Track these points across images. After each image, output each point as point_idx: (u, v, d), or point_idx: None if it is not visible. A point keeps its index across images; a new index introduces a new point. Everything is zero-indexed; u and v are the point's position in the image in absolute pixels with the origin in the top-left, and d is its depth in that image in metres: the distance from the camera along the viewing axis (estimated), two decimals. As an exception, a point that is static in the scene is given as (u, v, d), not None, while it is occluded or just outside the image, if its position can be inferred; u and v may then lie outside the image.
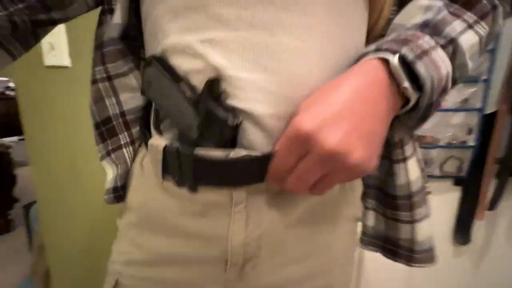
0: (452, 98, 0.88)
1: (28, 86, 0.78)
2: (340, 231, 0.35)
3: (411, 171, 0.34)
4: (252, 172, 0.27)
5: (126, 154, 0.35)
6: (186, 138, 0.28)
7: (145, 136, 0.34)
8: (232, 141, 0.27)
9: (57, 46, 0.74)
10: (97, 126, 0.36)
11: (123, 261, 0.35)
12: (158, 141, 0.29)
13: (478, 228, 1.00)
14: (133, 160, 0.36)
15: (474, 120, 0.89)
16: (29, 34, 0.33)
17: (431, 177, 0.95)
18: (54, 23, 0.33)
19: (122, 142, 0.35)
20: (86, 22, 0.67)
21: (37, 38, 0.35)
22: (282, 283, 0.32)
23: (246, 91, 0.26)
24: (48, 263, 0.91)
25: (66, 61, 0.75)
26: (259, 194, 0.29)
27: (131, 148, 0.36)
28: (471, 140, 0.90)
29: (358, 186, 0.37)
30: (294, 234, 0.31)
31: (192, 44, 0.26)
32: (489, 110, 0.87)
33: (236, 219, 0.29)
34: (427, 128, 0.91)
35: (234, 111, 0.26)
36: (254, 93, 0.26)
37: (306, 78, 0.26)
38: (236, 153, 0.26)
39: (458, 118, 0.89)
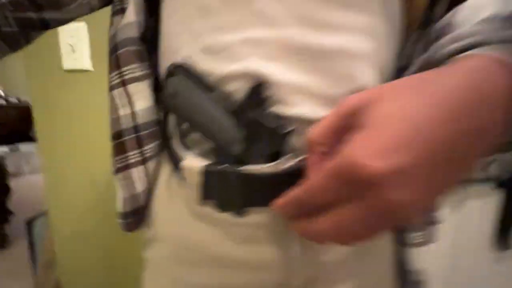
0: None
1: (44, 90, 0.75)
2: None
3: None
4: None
5: (135, 175, 0.31)
6: (225, 155, 0.25)
7: (170, 155, 0.30)
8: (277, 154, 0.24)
9: (77, 48, 0.72)
10: (112, 138, 0.32)
11: None
12: (193, 163, 0.26)
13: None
14: (148, 182, 0.31)
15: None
16: (16, 34, 0.29)
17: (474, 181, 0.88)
18: (46, 25, 0.30)
19: (132, 161, 0.31)
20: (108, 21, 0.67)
21: (28, 39, 0.31)
22: None
23: (294, 96, 0.23)
24: (59, 280, 0.89)
25: (87, 64, 0.73)
26: None
27: (141, 168, 0.31)
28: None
29: None
30: (347, 249, 0.28)
31: (230, 45, 0.23)
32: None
33: (290, 238, 0.26)
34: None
35: (280, 119, 0.23)
36: (303, 98, 0.23)
37: (359, 81, 0.24)
38: (288, 163, 0.23)
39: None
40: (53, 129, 0.78)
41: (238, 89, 0.24)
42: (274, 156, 0.24)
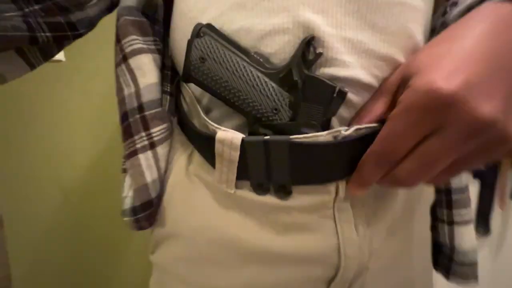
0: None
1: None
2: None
3: None
4: (362, 154, 0.21)
5: (143, 162, 0.26)
6: (268, 126, 0.22)
7: (191, 135, 0.26)
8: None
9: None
10: (120, 121, 0.28)
11: None
12: (232, 134, 0.22)
13: (494, 218, 1.00)
14: (159, 170, 0.27)
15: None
16: (50, 41, 0.28)
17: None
18: (74, 28, 0.28)
19: (139, 146, 0.27)
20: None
21: (60, 46, 0.30)
22: None
23: (347, 55, 0.20)
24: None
25: (59, 53, 0.65)
26: None
27: (150, 154, 0.27)
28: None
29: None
30: (396, 234, 0.26)
31: None
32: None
33: (344, 219, 0.23)
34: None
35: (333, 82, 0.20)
36: (359, 57, 0.21)
37: (413, 39, 0.22)
38: (349, 131, 0.20)
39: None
40: (11, 125, 0.67)
41: (280, 49, 0.21)
42: (325, 127, 0.21)
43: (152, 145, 0.27)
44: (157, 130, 0.27)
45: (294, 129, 0.21)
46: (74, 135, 0.71)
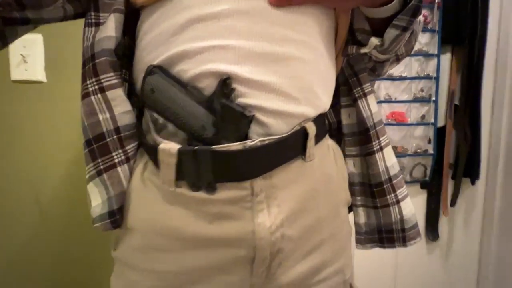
0: (414, 115, 1.03)
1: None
2: (341, 216, 0.38)
3: (387, 158, 0.40)
4: (269, 158, 0.30)
5: (121, 174, 0.32)
6: (198, 139, 0.30)
7: (147, 147, 0.33)
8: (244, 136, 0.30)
9: (30, 59, 0.69)
10: (88, 143, 0.33)
11: None
12: (170, 145, 0.29)
13: (442, 225, 1.11)
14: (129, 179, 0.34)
15: (431, 132, 1.03)
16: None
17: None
18: (26, 22, 0.31)
19: (116, 160, 0.32)
20: (64, 34, 0.66)
21: (4, 41, 0.32)
22: (305, 275, 0.34)
23: (255, 90, 0.29)
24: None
25: (40, 75, 0.71)
26: (274, 179, 0.31)
27: (126, 166, 0.33)
28: (431, 149, 1.03)
29: (346, 176, 0.42)
30: (309, 219, 0.33)
31: (203, 50, 0.28)
32: (439, 124, 1.03)
33: (259, 209, 0.30)
34: (397, 140, 1.02)
35: (244, 107, 0.29)
36: (263, 92, 0.29)
37: (305, 81, 0.31)
38: (254, 142, 0.29)
39: (419, 131, 1.03)
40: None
41: (208, 85, 0.29)
42: (241, 139, 0.29)
43: (127, 159, 0.33)
44: (131, 147, 0.33)
45: (216, 141, 0.29)
46: (53, 151, 0.74)
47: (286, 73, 0.30)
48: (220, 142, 0.29)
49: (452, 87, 1.03)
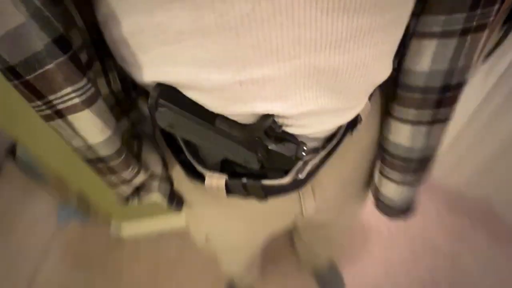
0: None
1: None
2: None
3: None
4: (318, 168, 0.29)
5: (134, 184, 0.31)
6: (242, 167, 0.27)
7: (184, 165, 0.30)
8: None
9: None
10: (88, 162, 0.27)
11: None
12: (216, 180, 0.28)
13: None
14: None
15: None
16: None
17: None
18: None
19: (128, 178, 0.29)
20: None
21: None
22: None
23: (303, 120, 0.23)
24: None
25: None
26: (320, 174, 0.31)
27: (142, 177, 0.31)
28: None
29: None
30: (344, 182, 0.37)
31: (227, 86, 0.19)
32: None
33: (305, 197, 0.34)
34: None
35: (290, 140, 0.24)
36: (312, 119, 0.23)
37: (364, 86, 0.23)
38: (301, 175, 0.27)
39: None
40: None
41: (242, 119, 0.23)
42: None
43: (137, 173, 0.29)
44: (128, 172, 0.28)
45: (263, 173, 0.26)
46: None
47: (351, 88, 0.22)
48: (267, 175, 0.26)
49: None
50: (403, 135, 0.30)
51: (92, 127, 0.23)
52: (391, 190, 0.35)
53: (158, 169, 0.33)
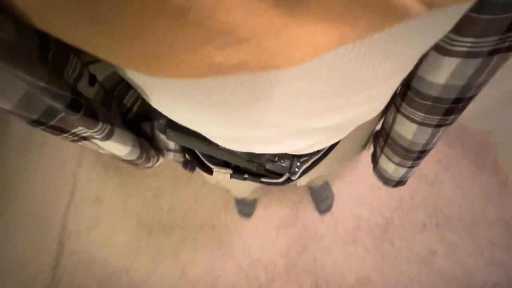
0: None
1: None
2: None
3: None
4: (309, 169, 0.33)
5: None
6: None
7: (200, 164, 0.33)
8: None
9: None
10: None
11: None
12: (222, 175, 0.32)
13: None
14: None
15: None
16: None
17: None
18: None
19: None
20: None
21: None
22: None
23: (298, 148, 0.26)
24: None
25: None
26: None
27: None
28: None
29: None
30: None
31: (235, 139, 0.22)
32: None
33: (297, 176, 0.37)
34: None
35: (285, 158, 0.28)
36: (304, 148, 0.26)
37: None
38: (294, 177, 0.31)
39: None
40: None
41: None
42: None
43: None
44: (150, 164, 0.33)
45: (263, 173, 0.30)
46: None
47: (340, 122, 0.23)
48: (266, 175, 0.30)
49: None
50: (409, 131, 0.31)
51: (114, 148, 0.27)
52: (389, 168, 0.38)
53: (171, 145, 0.37)
